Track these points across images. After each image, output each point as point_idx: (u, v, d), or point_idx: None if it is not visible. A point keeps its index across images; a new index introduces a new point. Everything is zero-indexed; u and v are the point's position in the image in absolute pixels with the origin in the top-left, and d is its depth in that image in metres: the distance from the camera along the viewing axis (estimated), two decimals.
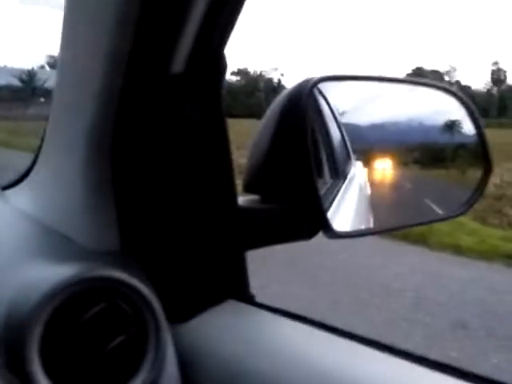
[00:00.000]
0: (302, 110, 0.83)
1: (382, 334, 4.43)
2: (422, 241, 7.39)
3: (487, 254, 6.95)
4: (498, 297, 5.41)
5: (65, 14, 0.76)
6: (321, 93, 1.02)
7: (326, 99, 1.08)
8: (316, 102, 1.02)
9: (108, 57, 0.70)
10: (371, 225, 1.05)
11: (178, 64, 0.72)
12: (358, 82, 1.07)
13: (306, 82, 0.86)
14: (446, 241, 7.41)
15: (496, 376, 0.64)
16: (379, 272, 6.12)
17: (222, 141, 0.79)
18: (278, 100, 0.86)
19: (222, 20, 0.70)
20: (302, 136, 0.82)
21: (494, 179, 11.02)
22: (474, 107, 1.01)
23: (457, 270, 6.43)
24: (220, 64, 0.75)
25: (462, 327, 4.74)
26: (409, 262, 6.66)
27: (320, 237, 0.88)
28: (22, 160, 1.10)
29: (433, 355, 0.69)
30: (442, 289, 5.66)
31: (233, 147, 0.81)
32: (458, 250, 7.13)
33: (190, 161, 0.77)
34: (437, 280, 5.94)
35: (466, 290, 5.61)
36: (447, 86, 1.07)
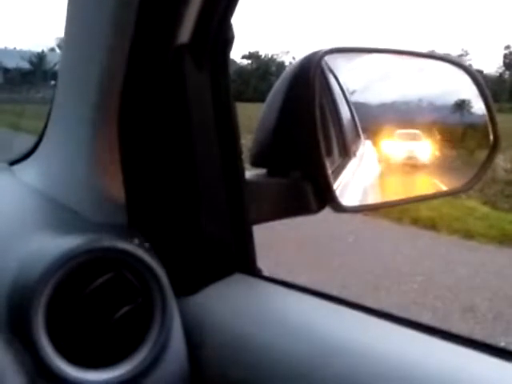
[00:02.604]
0: (309, 80, 0.82)
1: None
2: (431, 226, 7.37)
3: (497, 239, 6.93)
4: (507, 281, 5.40)
5: None
6: (330, 69, 1.01)
7: (335, 77, 1.08)
8: (325, 78, 1.01)
9: (113, 28, 0.69)
10: (379, 201, 1.05)
11: (184, 34, 0.71)
12: (367, 54, 1.06)
13: (315, 53, 0.85)
14: (455, 225, 7.39)
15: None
16: (389, 256, 6.11)
17: (228, 113, 0.79)
18: (286, 72, 0.85)
19: None
20: (309, 107, 0.81)
21: (505, 164, 10.98)
22: (482, 80, 1.00)
23: (466, 254, 6.41)
24: (227, 33, 0.75)
25: (471, 311, 4.74)
26: (418, 247, 6.65)
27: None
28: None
29: None
30: (452, 273, 5.65)
31: (245, 132, 0.81)
32: (468, 235, 7.11)
33: (197, 133, 0.77)
34: (446, 264, 5.93)
35: (476, 275, 5.60)
36: (454, 59, 1.07)
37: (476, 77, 1.00)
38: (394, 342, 0.65)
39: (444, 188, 1.13)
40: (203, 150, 0.77)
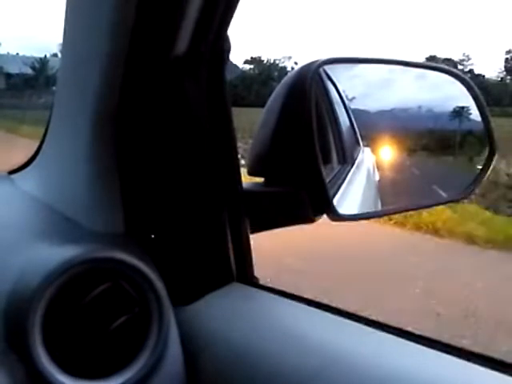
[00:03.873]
0: (306, 90, 0.82)
1: (392, 322, 4.41)
2: (434, 231, 7.37)
3: (500, 244, 6.91)
4: (510, 286, 5.39)
5: (67, 1, 0.77)
6: (329, 77, 1.02)
7: (334, 84, 1.08)
8: (324, 86, 1.02)
9: (110, 41, 0.69)
10: (378, 209, 1.05)
11: (181, 46, 0.72)
12: (365, 64, 1.06)
13: (312, 63, 0.85)
14: (458, 230, 7.38)
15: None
16: (391, 261, 6.10)
17: (225, 124, 0.79)
18: (284, 82, 0.86)
19: (223, 1, 0.70)
20: (306, 117, 0.81)
21: (507, 169, 10.97)
22: (476, 89, 1.00)
23: (469, 259, 6.41)
24: (223, 45, 0.75)
25: (474, 316, 4.73)
26: (421, 252, 6.64)
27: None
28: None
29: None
30: (454, 278, 5.64)
31: (247, 137, 0.81)
32: (471, 240, 7.10)
33: (194, 144, 0.77)
34: (449, 269, 5.92)
35: (478, 279, 5.59)
36: (451, 69, 1.06)
37: (472, 87, 1.00)
38: (390, 353, 0.65)
39: (444, 196, 1.13)
40: (201, 160, 0.78)
